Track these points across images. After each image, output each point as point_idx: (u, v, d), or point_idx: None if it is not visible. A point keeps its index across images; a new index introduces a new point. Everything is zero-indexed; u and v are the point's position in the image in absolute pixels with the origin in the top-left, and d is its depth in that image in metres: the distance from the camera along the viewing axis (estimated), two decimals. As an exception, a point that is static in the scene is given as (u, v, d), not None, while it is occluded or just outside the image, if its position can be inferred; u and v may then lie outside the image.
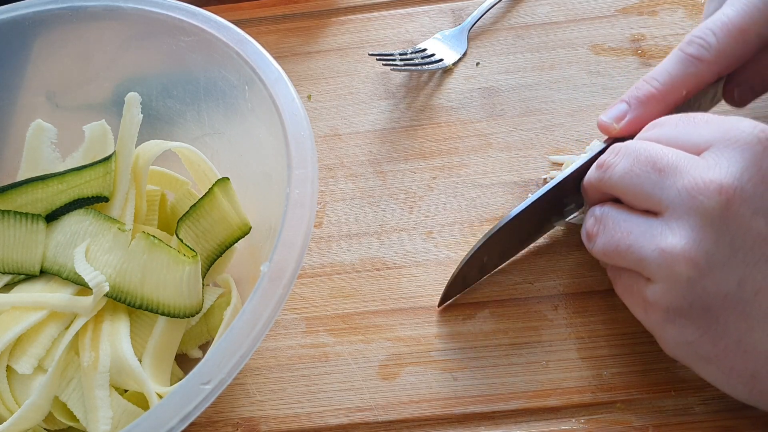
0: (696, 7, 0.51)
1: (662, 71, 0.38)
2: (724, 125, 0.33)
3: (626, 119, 0.38)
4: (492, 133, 0.47)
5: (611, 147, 0.36)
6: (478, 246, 0.39)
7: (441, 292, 0.41)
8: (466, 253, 0.39)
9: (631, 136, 0.38)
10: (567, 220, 0.42)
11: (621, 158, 0.35)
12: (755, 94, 0.41)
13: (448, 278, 0.41)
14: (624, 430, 0.36)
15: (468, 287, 0.41)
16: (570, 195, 0.40)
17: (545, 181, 0.45)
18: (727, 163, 0.31)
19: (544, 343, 0.39)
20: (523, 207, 0.39)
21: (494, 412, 0.37)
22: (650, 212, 0.33)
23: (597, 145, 0.45)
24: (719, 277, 0.31)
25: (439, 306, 0.40)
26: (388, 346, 0.40)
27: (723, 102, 0.42)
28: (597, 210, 0.36)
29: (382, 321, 0.41)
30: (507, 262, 0.42)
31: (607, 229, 0.35)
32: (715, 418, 0.36)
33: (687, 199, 0.31)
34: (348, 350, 0.40)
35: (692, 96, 0.38)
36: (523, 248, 0.42)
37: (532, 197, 0.39)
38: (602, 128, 0.39)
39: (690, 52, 0.37)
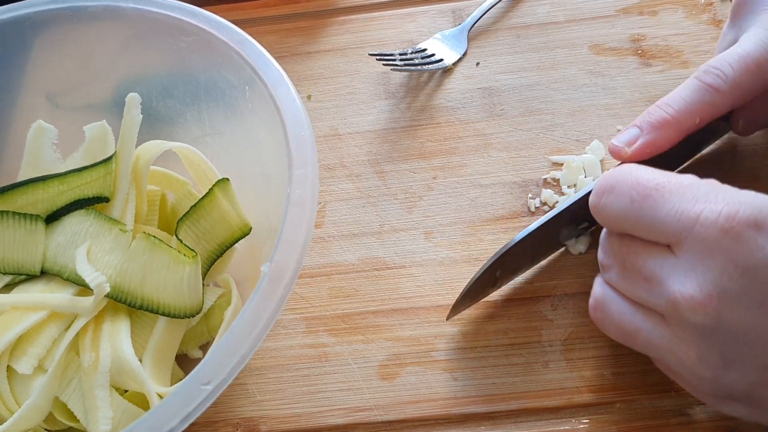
0: (696, 7, 0.51)
1: (677, 98, 0.37)
2: (684, 211, 0.31)
3: (638, 143, 0.37)
4: (492, 133, 0.47)
5: (602, 244, 0.35)
6: (490, 262, 0.38)
7: (441, 292, 0.41)
8: (478, 269, 0.39)
9: (643, 161, 0.37)
10: (577, 238, 0.41)
11: (612, 262, 0.34)
12: (759, 127, 0.41)
13: (448, 278, 0.41)
14: (624, 430, 0.36)
15: (478, 300, 0.40)
16: (580, 215, 0.39)
17: (545, 182, 0.45)
18: (702, 269, 0.30)
19: (544, 343, 0.39)
20: (537, 225, 0.38)
21: (494, 412, 0.37)
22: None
23: (597, 144, 0.45)
24: (740, 371, 0.31)
25: (447, 319, 0.40)
26: (388, 346, 0.40)
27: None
28: (597, 290, 0.35)
29: (382, 321, 0.41)
30: (518, 276, 0.41)
31: (614, 321, 0.34)
32: (714, 418, 0.36)
33: (677, 313, 0.31)
34: (348, 350, 0.40)
35: (704, 125, 0.38)
36: (535, 263, 0.41)
37: (546, 216, 0.39)
38: (613, 153, 0.38)
39: (707, 81, 0.37)
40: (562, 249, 0.42)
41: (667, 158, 0.39)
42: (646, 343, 0.33)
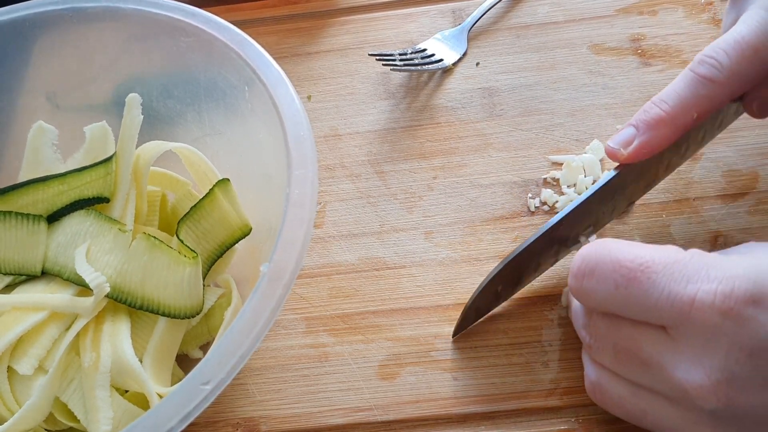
0: (696, 7, 0.51)
1: (672, 93, 0.36)
2: (677, 296, 0.29)
3: (634, 144, 0.36)
4: (492, 133, 0.47)
5: (585, 324, 0.34)
6: (490, 277, 0.38)
7: (441, 292, 0.41)
8: (478, 285, 0.38)
9: (640, 161, 0.37)
10: (580, 244, 0.40)
11: (601, 344, 0.33)
12: None
13: (448, 278, 0.41)
14: (624, 429, 0.36)
15: (483, 316, 0.40)
16: (582, 221, 0.39)
17: (545, 181, 0.45)
18: (708, 356, 0.29)
19: (544, 343, 0.39)
20: (539, 235, 0.37)
21: (494, 412, 0.37)
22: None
23: (596, 144, 0.45)
24: None
25: (453, 336, 0.39)
26: (388, 346, 0.40)
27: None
28: (591, 373, 0.34)
29: (382, 321, 0.41)
30: (522, 288, 0.40)
31: (615, 403, 0.33)
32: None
33: (686, 399, 0.30)
34: (348, 350, 0.40)
35: (704, 119, 0.36)
36: (538, 274, 0.40)
37: (545, 226, 0.37)
38: (610, 155, 0.37)
39: (701, 72, 0.35)
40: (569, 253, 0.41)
41: (674, 148, 0.38)
42: (656, 425, 0.32)
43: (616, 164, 0.38)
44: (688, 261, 0.30)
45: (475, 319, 0.40)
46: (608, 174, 0.37)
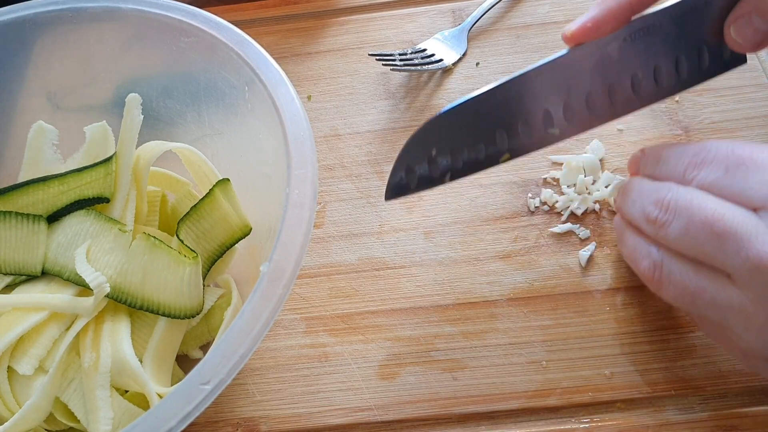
0: (696, 7, 0.51)
1: None
2: None
3: (581, 19, 0.36)
4: (492, 133, 0.47)
5: (659, 200, 0.34)
6: (419, 129, 0.36)
7: (441, 292, 0.41)
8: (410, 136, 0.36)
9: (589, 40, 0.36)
10: (526, 138, 0.38)
11: (673, 217, 0.33)
12: (758, 33, 0.37)
13: (448, 278, 0.42)
14: (624, 430, 0.36)
15: (422, 188, 0.37)
16: (530, 101, 0.37)
17: (545, 181, 0.45)
18: None
19: (544, 343, 0.39)
20: (474, 96, 0.36)
21: (494, 412, 0.37)
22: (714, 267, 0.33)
23: (596, 144, 0.45)
24: None
25: (386, 199, 0.37)
26: (388, 346, 0.40)
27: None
28: (654, 252, 0.35)
29: (382, 321, 0.41)
30: (465, 175, 0.38)
31: (674, 282, 0.34)
32: (714, 417, 0.36)
33: (754, 272, 0.30)
34: (348, 350, 0.40)
35: (649, 3, 0.35)
36: (482, 164, 0.38)
37: (485, 87, 0.36)
38: (563, 37, 0.37)
39: None
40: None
41: (639, 62, 0.37)
42: (709, 304, 0.33)
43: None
44: (763, 226, 0.31)
45: (408, 184, 0.37)
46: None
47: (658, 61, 0.37)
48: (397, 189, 0.37)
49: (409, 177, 0.37)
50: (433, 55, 0.51)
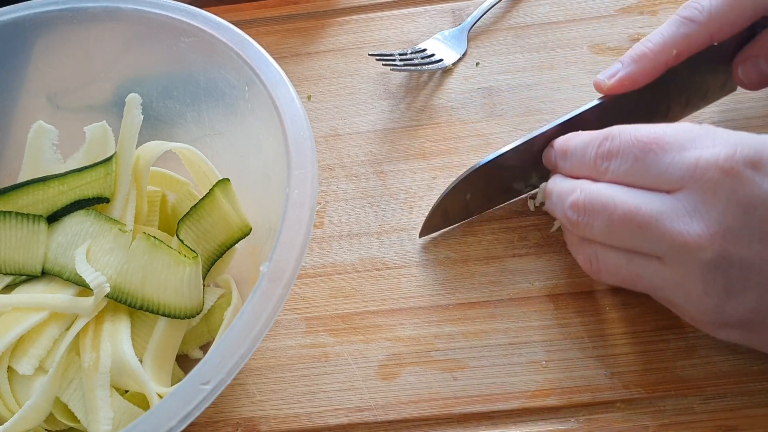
0: (696, 7, 0.51)
1: (656, 33, 0.39)
2: (685, 159, 0.33)
3: (618, 75, 0.39)
4: (492, 133, 0.47)
5: (574, 203, 0.36)
6: (458, 180, 0.40)
7: (441, 292, 0.41)
8: (446, 187, 0.41)
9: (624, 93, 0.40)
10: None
11: (592, 218, 0.35)
12: (764, 74, 0.41)
13: (448, 278, 0.42)
14: (624, 430, 0.36)
15: (452, 224, 0.43)
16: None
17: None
18: (706, 209, 0.32)
19: (544, 343, 0.39)
20: (508, 148, 0.40)
21: (494, 412, 0.37)
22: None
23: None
24: (742, 300, 0.32)
25: (420, 236, 0.42)
26: (388, 346, 0.40)
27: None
28: (587, 249, 0.37)
29: (382, 321, 0.41)
30: (493, 207, 0.43)
31: (611, 271, 0.36)
32: (715, 417, 0.36)
33: (682, 254, 0.32)
34: (348, 350, 0.40)
35: (684, 57, 0.39)
36: (511, 195, 0.43)
37: (518, 140, 0.40)
38: (595, 85, 0.40)
39: (684, 14, 0.39)
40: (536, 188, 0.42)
41: (654, 102, 0.40)
42: (648, 287, 0.35)
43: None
44: (698, 131, 0.33)
45: (442, 223, 0.42)
46: (591, 102, 0.40)
47: (669, 101, 0.41)
48: (431, 229, 0.43)
49: (443, 217, 0.42)
50: (433, 55, 0.51)
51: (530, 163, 0.41)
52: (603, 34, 0.51)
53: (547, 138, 0.40)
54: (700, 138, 0.33)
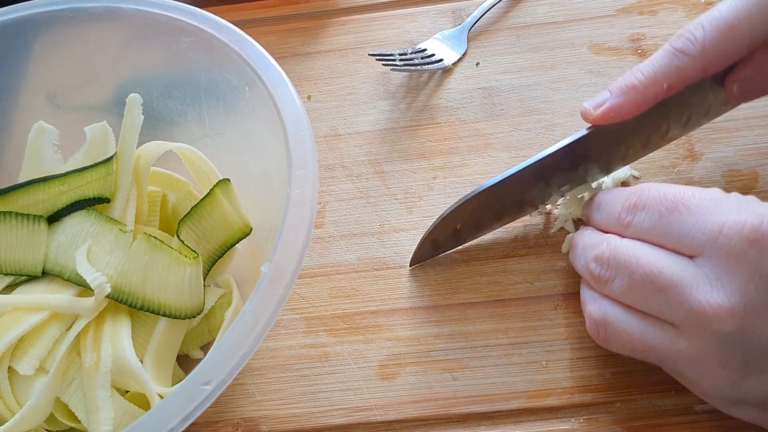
0: (696, 7, 0.51)
1: (647, 63, 0.38)
2: (709, 223, 0.32)
3: (604, 106, 0.38)
4: (492, 133, 0.47)
5: (598, 256, 0.35)
6: (447, 212, 0.40)
7: (441, 292, 0.41)
8: (439, 215, 0.41)
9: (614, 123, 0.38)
10: (549, 204, 0.42)
11: (614, 274, 0.34)
12: (757, 92, 0.40)
13: (448, 278, 0.42)
14: (624, 430, 0.36)
15: (443, 253, 0.42)
16: (551, 177, 0.40)
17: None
18: (728, 279, 0.30)
19: (544, 343, 0.39)
20: (497, 180, 0.39)
21: (494, 412, 0.37)
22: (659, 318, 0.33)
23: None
24: (761, 378, 0.31)
25: (410, 266, 0.42)
26: (388, 346, 0.40)
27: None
28: (594, 311, 0.35)
29: (382, 321, 0.41)
30: (484, 235, 0.42)
31: (618, 335, 0.34)
32: (715, 417, 0.36)
33: (700, 323, 0.31)
34: (348, 350, 0.40)
35: (675, 91, 0.38)
36: (501, 224, 0.42)
37: (508, 172, 0.39)
38: (582, 114, 0.39)
39: (676, 45, 0.37)
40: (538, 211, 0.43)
41: (652, 125, 0.39)
42: (662, 358, 0.33)
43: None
44: (726, 198, 0.33)
45: (432, 253, 0.42)
46: (579, 132, 0.39)
47: (669, 121, 0.40)
48: (421, 258, 0.42)
49: (434, 247, 0.42)
50: (433, 55, 0.51)
51: (522, 192, 0.40)
52: (603, 34, 0.51)
53: (541, 165, 0.39)
54: (727, 205, 0.32)
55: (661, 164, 0.44)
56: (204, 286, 0.38)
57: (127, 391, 0.36)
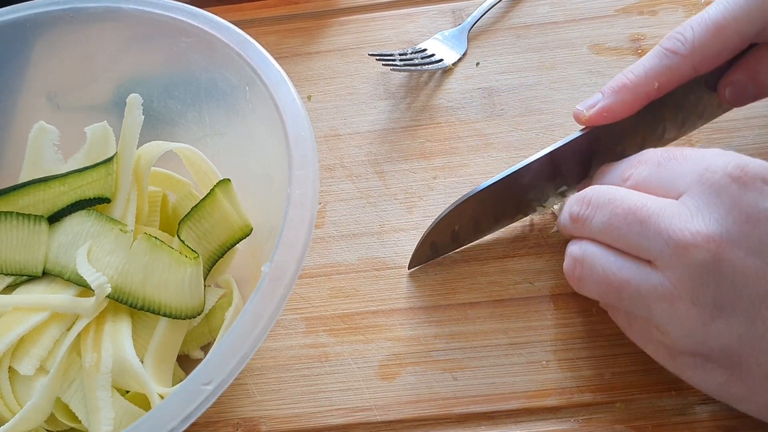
0: (696, 7, 0.51)
1: (638, 64, 0.38)
2: (698, 165, 0.33)
3: (597, 107, 0.39)
4: (492, 133, 0.47)
5: (581, 198, 0.35)
6: (445, 213, 0.40)
7: (441, 292, 0.41)
8: (434, 219, 0.40)
9: (605, 123, 0.39)
10: (547, 207, 0.42)
11: (595, 210, 0.34)
12: (749, 96, 0.40)
13: (448, 278, 0.42)
14: (624, 430, 0.36)
15: (441, 255, 0.42)
16: (548, 179, 0.40)
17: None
18: (708, 210, 0.31)
19: (544, 343, 0.39)
20: (495, 180, 0.39)
21: (494, 412, 0.37)
22: (636, 257, 0.33)
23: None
24: (730, 321, 0.31)
25: (408, 268, 0.42)
26: (388, 346, 0.40)
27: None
28: (575, 249, 0.36)
29: (382, 321, 0.41)
30: (483, 237, 0.42)
31: (597, 277, 0.34)
32: (715, 417, 0.36)
33: (677, 252, 0.31)
34: (348, 350, 0.40)
35: (666, 90, 0.38)
36: (500, 226, 0.42)
37: (504, 172, 0.39)
38: (575, 116, 0.40)
39: (666, 45, 0.38)
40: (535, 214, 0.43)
41: (645, 127, 0.40)
42: (633, 295, 0.33)
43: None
44: (722, 151, 0.33)
45: (431, 255, 0.42)
46: (573, 134, 0.40)
47: (665, 123, 0.41)
48: (420, 260, 0.42)
49: (432, 249, 0.42)
50: (433, 55, 0.51)
51: (520, 197, 0.41)
52: (603, 35, 0.51)
53: (540, 164, 0.39)
54: (722, 154, 0.33)
55: (661, 164, 0.44)
56: (204, 286, 0.38)
57: (127, 392, 0.36)
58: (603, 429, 0.36)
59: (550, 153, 0.39)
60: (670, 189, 0.33)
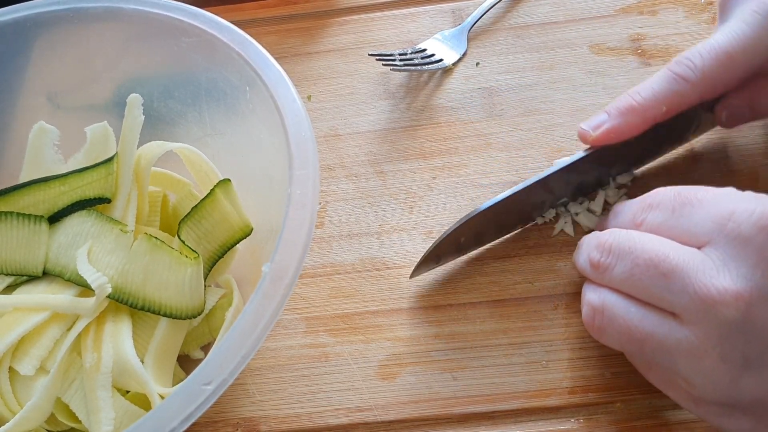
0: (696, 7, 0.51)
1: (647, 86, 0.38)
2: (719, 212, 0.31)
3: (603, 128, 0.39)
4: (492, 133, 0.47)
5: (600, 244, 0.34)
6: (453, 228, 0.40)
7: (441, 292, 0.41)
8: (443, 232, 0.40)
9: (609, 143, 0.39)
10: (546, 216, 0.43)
11: (616, 260, 0.33)
12: (742, 120, 0.41)
13: (448, 278, 0.42)
14: (624, 430, 0.36)
15: (443, 264, 0.42)
16: (551, 192, 0.41)
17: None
18: (735, 264, 0.30)
19: (544, 343, 0.39)
20: (502, 198, 0.40)
21: (494, 412, 0.37)
22: (659, 308, 0.32)
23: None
24: (761, 374, 0.30)
25: (410, 277, 0.41)
26: (388, 346, 0.40)
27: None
28: (594, 298, 0.34)
29: (382, 321, 0.41)
30: (484, 246, 0.43)
31: (615, 321, 0.33)
32: (714, 417, 0.36)
33: (703, 308, 0.30)
34: (348, 350, 0.40)
35: (673, 114, 0.39)
36: (501, 236, 0.43)
37: (513, 189, 0.40)
38: (580, 135, 0.40)
39: (676, 71, 0.38)
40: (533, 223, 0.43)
41: (645, 144, 0.40)
42: (656, 348, 0.32)
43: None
44: (739, 192, 0.33)
45: (435, 264, 0.42)
46: (578, 153, 0.40)
47: (662, 140, 0.42)
48: (423, 270, 0.41)
49: (435, 261, 0.41)
50: (433, 55, 0.51)
51: (524, 206, 0.41)
52: (603, 34, 0.51)
53: (535, 190, 0.40)
54: (739, 197, 0.32)
55: (661, 164, 0.44)
56: (205, 286, 0.38)
57: (127, 392, 0.36)
58: (603, 429, 0.36)
59: (554, 173, 0.40)
60: (689, 236, 0.32)
